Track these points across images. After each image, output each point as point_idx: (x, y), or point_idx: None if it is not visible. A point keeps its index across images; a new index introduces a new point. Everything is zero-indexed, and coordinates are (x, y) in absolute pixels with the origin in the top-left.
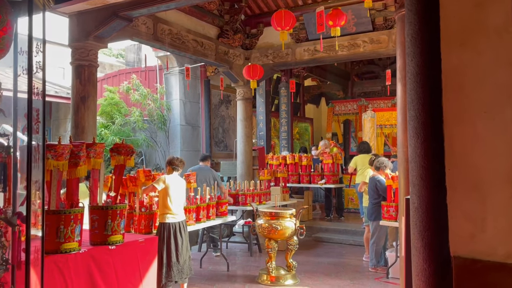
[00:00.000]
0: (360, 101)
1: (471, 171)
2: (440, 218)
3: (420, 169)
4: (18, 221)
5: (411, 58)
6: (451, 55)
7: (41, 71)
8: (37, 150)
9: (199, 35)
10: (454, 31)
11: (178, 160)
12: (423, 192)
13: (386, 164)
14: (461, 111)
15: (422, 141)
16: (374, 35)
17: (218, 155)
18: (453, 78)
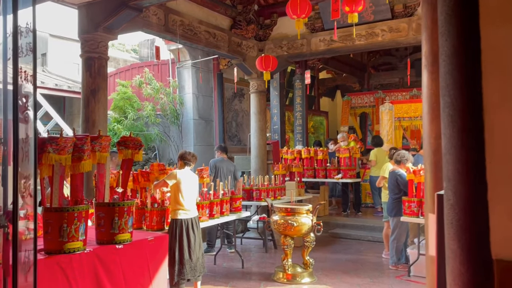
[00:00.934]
0: (377, 93)
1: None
2: (480, 217)
3: (456, 162)
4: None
5: (446, 38)
6: (491, 34)
7: (31, 53)
8: (26, 141)
9: (211, 26)
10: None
11: (190, 154)
12: (460, 187)
13: (407, 157)
14: (503, 96)
15: (459, 130)
16: (393, 23)
17: (231, 150)
18: (494, 59)
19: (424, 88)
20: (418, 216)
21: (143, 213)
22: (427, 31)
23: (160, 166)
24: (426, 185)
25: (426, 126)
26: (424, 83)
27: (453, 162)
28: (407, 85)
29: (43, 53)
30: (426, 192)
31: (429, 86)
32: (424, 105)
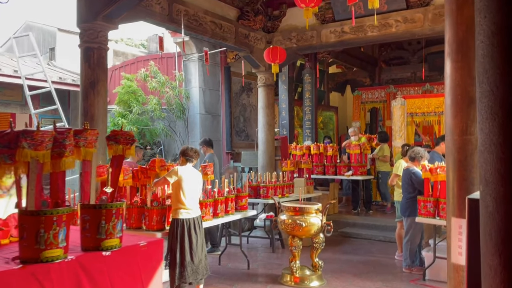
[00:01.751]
0: (389, 88)
1: None
2: None
3: (497, 162)
4: None
5: (484, 15)
6: None
7: None
8: None
9: (217, 17)
10: None
11: (193, 150)
12: (501, 192)
13: (422, 154)
14: None
15: (501, 123)
16: (408, 13)
17: (239, 145)
18: None
19: (447, 79)
20: (434, 217)
21: (143, 212)
22: (451, 16)
23: (161, 162)
24: (449, 185)
25: (449, 121)
26: (447, 74)
27: (493, 162)
28: (419, 79)
29: (52, 47)
30: (449, 193)
31: (452, 76)
32: (446, 97)
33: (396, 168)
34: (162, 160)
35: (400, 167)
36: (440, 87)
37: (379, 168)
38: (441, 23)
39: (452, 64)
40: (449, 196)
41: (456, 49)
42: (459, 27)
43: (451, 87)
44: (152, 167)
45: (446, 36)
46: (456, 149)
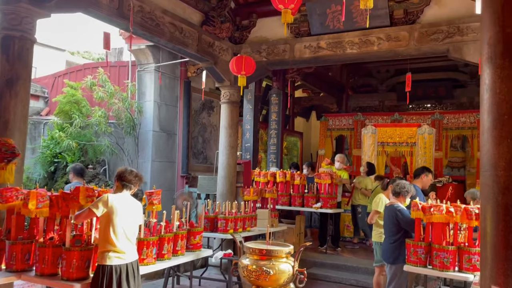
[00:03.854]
0: (357, 115)
1: None
2: None
3: None
4: None
5: None
6: None
7: None
8: None
9: (178, 19)
10: None
11: (133, 174)
12: None
13: (408, 189)
14: None
15: None
16: (391, 31)
17: (196, 168)
18: None
19: (486, 92)
20: (425, 266)
21: (60, 253)
22: (493, 9)
23: (87, 192)
24: (485, 240)
25: (488, 150)
26: (486, 85)
27: None
28: (387, 109)
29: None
30: (485, 252)
31: (496, 88)
32: (484, 117)
33: (376, 203)
34: (90, 188)
35: (380, 203)
36: (409, 117)
37: (358, 201)
38: (428, 43)
39: (496, 72)
40: (486, 256)
41: (502, 51)
42: (507, 23)
43: (493, 103)
44: (74, 197)
45: (486, 34)
46: (499, 189)
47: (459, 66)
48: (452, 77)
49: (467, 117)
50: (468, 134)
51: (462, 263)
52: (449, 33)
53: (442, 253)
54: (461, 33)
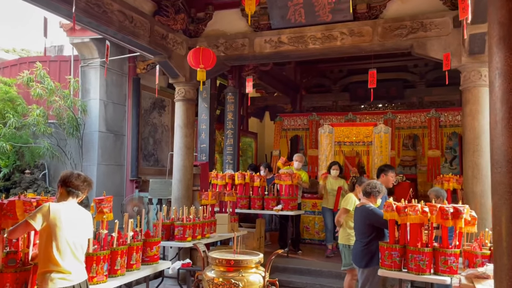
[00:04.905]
0: (311, 115)
1: None
2: None
3: None
4: None
5: None
6: None
7: None
8: None
9: (128, 7)
10: None
11: (80, 178)
12: None
13: (379, 189)
14: None
15: None
16: (355, 25)
17: (146, 171)
18: None
19: (498, 78)
20: (400, 269)
21: None
22: None
23: (25, 205)
24: (502, 244)
25: (502, 143)
26: (497, 70)
27: None
28: (341, 108)
29: None
30: (502, 255)
31: (510, 72)
32: (497, 106)
33: (346, 201)
34: (27, 202)
35: (350, 201)
36: (363, 117)
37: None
38: (392, 39)
39: (507, 55)
40: (502, 265)
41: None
42: None
43: (509, 90)
44: (9, 210)
45: (496, 12)
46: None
47: (409, 67)
48: (402, 77)
49: (418, 116)
50: (419, 133)
51: (438, 265)
52: (413, 29)
53: (418, 256)
54: (425, 28)
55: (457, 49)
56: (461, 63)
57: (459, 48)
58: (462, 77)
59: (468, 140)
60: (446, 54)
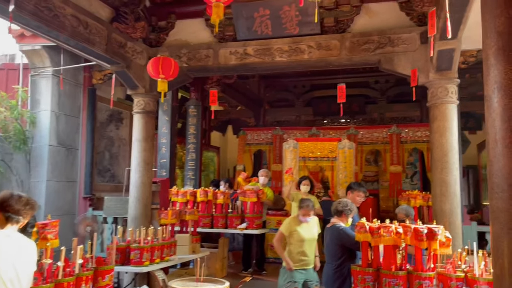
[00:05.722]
0: (275, 130)
1: None
2: None
3: None
4: None
5: None
6: None
7: None
8: None
9: (82, 12)
10: None
11: (22, 201)
12: None
13: (351, 207)
14: None
15: None
16: (322, 39)
17: (101, 188)
18: None
19: (497, 92)
20: None
21: None
22: None
23: None
24: (504, 278)
25: (503, 165)
26: (496, 83)
27: None
28: (304, 123)
29: None
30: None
31: (508, 88)
32: (496, 124)
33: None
34: None
35: (285, 224)
36: (326, 132)
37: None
38: (359, 53)
39: (509, 66)
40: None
41: None
42: None
43: (510, 106)
44: None
45: (493, 20)
46: None
47: (370, 83)
48: (364, 93)
49: (380, 132)
50: (381, 149)
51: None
52: (380, 44)
53: (392, 280)
54: (392, 44)
55: (424, 65)
56: (429, 79)
57: (427, 64)
58: (430, 94)
59: (436, 157)
60: (413, 70)
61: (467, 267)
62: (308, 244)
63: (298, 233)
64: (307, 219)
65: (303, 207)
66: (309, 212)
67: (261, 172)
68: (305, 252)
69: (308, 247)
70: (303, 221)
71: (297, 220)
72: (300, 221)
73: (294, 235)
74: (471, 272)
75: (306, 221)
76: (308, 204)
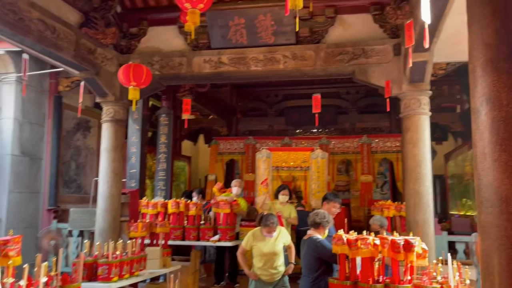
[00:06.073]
0: (248, 139)
1: None
2: None
3: None
4: None
5: None
6: None
7: None
8: None
9: (50, 16)
10: None
11: None
12: None
13: (328, 219)
14: None
15: None
16: (297, 49)
17: (67, 199)
18: None
19: (485, 104)
20: None
21: None
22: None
23: None
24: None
25: (493, 179)
26: (484, 96)
27: None
28: (276, 133)
29: None
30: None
31: (499, 99)
32: (484, 137)
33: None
34: None
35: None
36: (299, 142)
37: None
38: (334, 64)
39: (500, 79)
40: None
41: (508, 52)
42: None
43: (499, 119)
44: None
45: (480, 32)
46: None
47: (341, 94)
48: (335, 103)
49: (351, 142)
50: (352, 159)
51: None
52: (354, 55)
53: None
54: (366, 55)
55: (397, 77)
56: (402, 90)
57: (400, 76)
58: (402, 105)
59: (409, 168)
60: (387, 82)
61: (442, 279)
62: (269, 258)
63: (258, 248)
64: (273, 234)
65: (268, 225)
66: (274, 229)
67: (235, 183)
68: (266, 267)
69: (269, 262)
70: (267, 236)
71: (259, 235)
72: (263, 235)
73: (254, 249)
74: (446, 283)
75: (270, 236)
76: (273, 222)
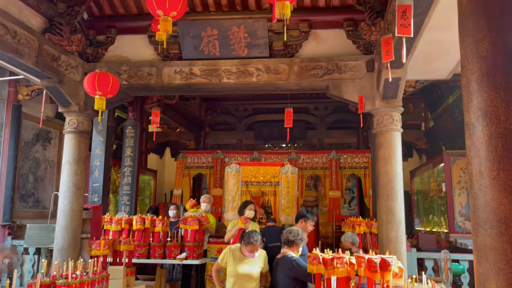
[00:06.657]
0: (216, 153)
1: None
2: None
3: None
4: None
5: None
6: None
7: None
8: None
9: (11, 19)
10: None
11: None
12: None
13: (302, 236)
14: None
15: None
16: (271, 62)
17: (23, 214)
18: None
19: (481, 120)
20: None
21: None
22: (485, 11)
23: None
24: None
25: (491, 199)
26: (480, 111)
27: None
28: (245, 147)
29: None
30: None
31: (497, 115)
32: (481, 154)
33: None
34: None
35: (222, 254)
36: (268, 157)
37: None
38: (308, 78)
39: (498, 94)
40: None
41: (504, 66)
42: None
43: (496, 136)
44: None
45: (475, 45)
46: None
47: (310, 109)
48: (304, 119)
49: (320, 157)
50: (321, 174)
51: None
52: (328, 70)
53: None
54: (340, 70)
55: (370, 92)
56: (375, 106)
57: (373, 92)
58: (375, 121)
59: (381, 184)
60: (360, 97)
61: None
62: (243, 283)
63: (234, 268)
64: (255, 254)
65: (251, 243)
66: (257, 249)
67: (203, 198)
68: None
69: (242, 284)
70: (248, 256)
71: (238, 253)
72: (243, 255)
73: (229, 268)
74: None
75: (252, 256)
76: (257, 239)
